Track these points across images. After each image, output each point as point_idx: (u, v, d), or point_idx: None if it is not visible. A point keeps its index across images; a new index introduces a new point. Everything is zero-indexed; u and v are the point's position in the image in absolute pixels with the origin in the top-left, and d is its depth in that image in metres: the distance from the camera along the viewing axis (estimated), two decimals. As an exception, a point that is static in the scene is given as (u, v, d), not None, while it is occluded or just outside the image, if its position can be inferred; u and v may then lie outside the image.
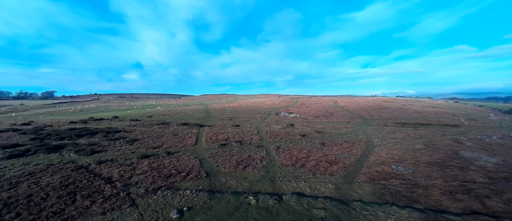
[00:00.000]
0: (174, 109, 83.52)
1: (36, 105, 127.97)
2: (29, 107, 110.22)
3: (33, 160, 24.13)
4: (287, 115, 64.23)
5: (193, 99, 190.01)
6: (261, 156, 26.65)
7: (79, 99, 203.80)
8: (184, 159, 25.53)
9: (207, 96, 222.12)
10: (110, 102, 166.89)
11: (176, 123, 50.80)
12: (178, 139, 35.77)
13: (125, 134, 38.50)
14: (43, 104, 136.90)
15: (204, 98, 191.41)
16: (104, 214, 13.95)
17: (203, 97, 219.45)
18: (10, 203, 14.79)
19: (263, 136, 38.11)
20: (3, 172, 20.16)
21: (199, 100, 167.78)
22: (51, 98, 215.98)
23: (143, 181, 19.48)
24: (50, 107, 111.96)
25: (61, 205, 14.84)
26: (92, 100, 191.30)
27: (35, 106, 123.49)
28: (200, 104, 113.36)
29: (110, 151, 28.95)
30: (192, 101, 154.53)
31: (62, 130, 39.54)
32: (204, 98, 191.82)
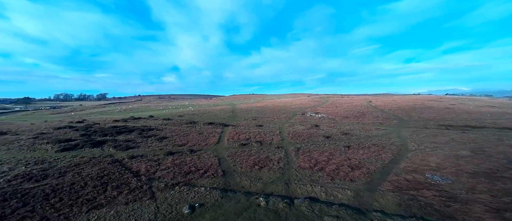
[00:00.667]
0: (204, 109, 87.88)
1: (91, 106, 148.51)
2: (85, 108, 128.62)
3: (79, 153, 28.04)
4: (314, 115, 61.85)
5: (223, 99, 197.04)
6: (279, 157, 26.18)
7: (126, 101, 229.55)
8: (204, 157, 26.63)
9: (236, 97, 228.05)
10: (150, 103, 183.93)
11: (203, 122, 53.34)
12: (202, 137, 37.49)
13: (156, 132, 41.94)
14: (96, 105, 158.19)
15: (233, 99, 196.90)
16: (127, 204, 15.40)
17: (232, 97, 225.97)
18: (56, 189, 17.43)
19: (284, 137, 37.41)
20: (56, 162, 23.88)
21: (228, 100, 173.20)
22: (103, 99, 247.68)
23: (165, 176, 20.92)
24: (101, 107, 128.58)
25: (94, 193, 16.90)
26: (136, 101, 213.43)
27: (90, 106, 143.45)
28: (228, 104, 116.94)
29: (142, 147, 31.86)
30: (221, 101, 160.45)
31: (106, 128, 45.02)
32: (233, 99, 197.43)
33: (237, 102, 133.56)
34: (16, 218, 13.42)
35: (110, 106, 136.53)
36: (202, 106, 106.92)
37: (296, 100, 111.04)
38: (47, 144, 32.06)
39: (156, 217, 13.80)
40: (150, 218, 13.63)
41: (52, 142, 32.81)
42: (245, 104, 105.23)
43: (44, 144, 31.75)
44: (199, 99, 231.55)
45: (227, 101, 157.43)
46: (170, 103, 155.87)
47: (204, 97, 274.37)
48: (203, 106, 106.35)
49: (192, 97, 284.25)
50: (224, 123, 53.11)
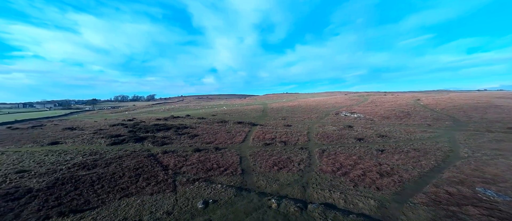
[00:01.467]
0: (236, 108, 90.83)
1: (142, 106, 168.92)
2: (137, 107, 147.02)
3: (124, 147, 32.27)
4: (348, 115, 57.54)
5: (256, 99, 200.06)
6: (301, 158, 25.25)
7: (170, 101, 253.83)
8: (227, 155, 27.55)
9: (269, 96, 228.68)
10: (190, 103, 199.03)
11: (233, 121, 55.19)
12: (229, 136, 38.84)
13: (190, 130, 45.23)
14: (146, 105, 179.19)
15: (266, 98, 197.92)
16: (152, 195, 17.09)
17: (265, 97, 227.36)
18: (101, 177, 20.48)
19: (311, 138, 35.87)
20: (105, 154, 28.02)
21: (261, 100, 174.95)
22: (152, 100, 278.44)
23: (189, 171, 22.45)
24: (149, 107, 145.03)
25: (128, 183, 19.27)
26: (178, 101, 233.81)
27: (141, 106, 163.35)
28: (261, 104, 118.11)
29: (175, 143, 34.81)
30: (254, 101, 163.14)
31: (149, 125, 50.64)
32: (265, 98, 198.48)
33: (269, 101, 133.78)
34: (67, 199, 16.31)
35: (156, 106, 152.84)
36: (235, 106, 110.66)
37: (331, 99, 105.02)
38: (101, 138, 37.89)
39: (173, 209, 14.95)
40: (167, 210, 14.84)
41: (105, 137, 38.62)
42: (277, 104, 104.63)
43: (99, 138, 37.62)
44: (234, 99, 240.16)
45: (260, 100, 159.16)
46: (207, 103, 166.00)
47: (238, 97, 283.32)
48: (236, 106, 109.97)
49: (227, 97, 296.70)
50: (253, 122, 53.91)
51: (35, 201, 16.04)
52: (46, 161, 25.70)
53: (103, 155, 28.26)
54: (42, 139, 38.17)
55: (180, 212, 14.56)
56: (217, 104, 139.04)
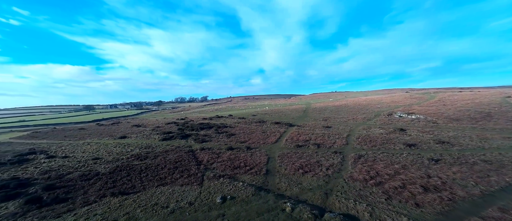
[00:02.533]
0: (278, 109, 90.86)
1: (196, 106, 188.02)
2: (191, 108, 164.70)
3: (172, 143, 36.98)
4: (404, 117, 49.67)
5: (301, 98, 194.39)
6: (332, 163, 23.47)
7: (219, 102, 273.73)
8: (256, 155, 28.12)
9: (315, 95, 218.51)
10: (237, 103, 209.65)
11: (271, 121, 55.57)
12: (264, 136, 39.39)
13: (229, 129, 48.00)
14: (199, 106, 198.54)
15: (312, 97, 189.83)
16: (181, 186, 19.19)
17: (311, 96, 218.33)
18: (148, 167, 24.22)
19: (351, 141, 32.74)
20: (156, 148, 32.82)
21: (306, 99, 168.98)
22: (205, 101, 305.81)
23: (218, 167, 24.07)
24: (201, 108, 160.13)
25: (166, 174, 22.17)
26: (227, 102, 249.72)
27: (195, 107, 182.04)
28: (304, 103, 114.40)
29: (213, 141, 37.67)
30: (299, 100, 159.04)
31: (195, 124, 56.23)
32: (311, 97, 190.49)
33: (314, 101, 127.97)
34: (119, 183, 20.05)
35: (207, 106, 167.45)
36: (278, 106, 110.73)
37: (387, 98, 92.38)
38: (156, 134, 44.45)
39: (195, 200, 16.45)
40: (190, 200, 16.43)
41: (159, 133, 45.09)
42: (321, 104, 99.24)
43: (155, 134, 44.23)
44: (279, 99, 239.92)
45: (304, 100, 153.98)
46: (252, 104, 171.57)
47: (284, 97, 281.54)
48: (278, 106, 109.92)
49: (273, 97, 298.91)
50: (290, 122, 52.95)
51: (99, 182, 20.38)
52: (114, 151, 32.05)
53: (154, 148, 33.19)
54: (116, 134, 47.55)
55: (200, 204, 15.90)
56: (261, 105, 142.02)
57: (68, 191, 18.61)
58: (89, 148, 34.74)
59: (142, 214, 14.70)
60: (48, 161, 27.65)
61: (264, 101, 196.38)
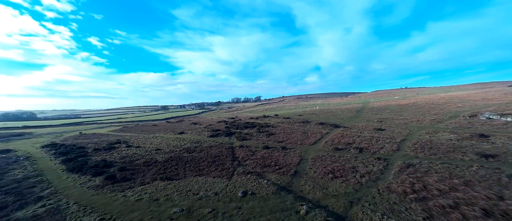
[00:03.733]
0: (328, 108, 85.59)
1: (249, 106, 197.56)
2: (244, 108, 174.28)
3: (217, 139, 40.98)
4: (494, 119, 38.21)
5: (360, 97, 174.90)
6: (369, 170, 20.99)
7: (272, 102, 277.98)
8: (289, 156, 28.01)
9: (377, 93, 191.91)
10: (288, 103, 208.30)
11: (315, 122, 53.29)
12: (303, 137, 38.46)
13: (270, 128, 49.02)
14: (252, 106, 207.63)
15: (374, 95, 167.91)
16: (214, 178, 21.47)
17: (373, 94, 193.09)
18: (192, 159, 28.02)
19: (404, 147, 28.03)
20: (203, 143, 37.21)
21: (366, 97, 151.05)
22: (258, 101, 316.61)
23: (249, 164, 25.46)
24: (253, 107, 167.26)
25: (203, 166, 25.13)
26: (279, 102, 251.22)
27: (248, 106, 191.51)
28: (361, 102, 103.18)
29: (253, 139, 39.53)
30: (356, 99, 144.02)
31: (241, 123, 59.90)
32: (373, 95, 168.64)
33: (375, 100, 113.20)
34: (168, 171, 24.13)
35: (259, 106, 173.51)
36: (330, 106, 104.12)
37: (476, 94, 72.31)
38: (207, 131, 50.02)
39: (220, 192, 18.22)
40: (216, 191, 18.32)
41: (209, 130, 50.51)
42: (382, 102, 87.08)
43: (205, 131, 49.88)
44: (334, 97, 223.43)
45: (363, 99, 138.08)
46: (303, 103, 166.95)
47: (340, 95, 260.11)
48: (331, 106, 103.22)
49: (327, 96, 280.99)
50: (337, 123, 49.28)
51: (154, 169, 25.14)
52: (171, 144, 38.28)
53: (202, 143, 37.72)
54: (177, 130, 56.17)
55: (223, 195, 17.56)
56: (312, 104, 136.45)
57: (133, 173, 23.86)
58: (155, 140, 42.70)
59: (177, 197, 17.51)
60: (127, 149, 35.75)
61: (316, 101, 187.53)
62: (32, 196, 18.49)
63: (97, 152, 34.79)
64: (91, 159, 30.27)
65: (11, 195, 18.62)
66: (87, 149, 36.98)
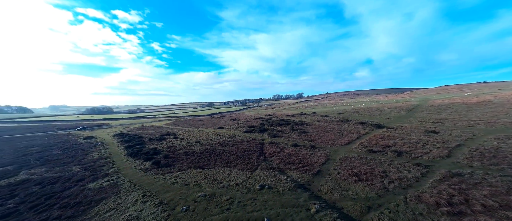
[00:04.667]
0: (375, 106, 77.72)
1: (289, 103, 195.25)
2: (284, 105, 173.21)
3: (250, 135, 42.97)
4: None
5: (419, 93, 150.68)
6: (402, 176, 18.98)
7: (314, 99, 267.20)
8: (316, 155, 27.48)
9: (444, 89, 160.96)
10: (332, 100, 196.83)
11: (355, 121, 49.65)
12: (337, 136, 36.69)
13: (304, 126, 48.23)
14: (293, 103, 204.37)
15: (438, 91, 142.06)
16: (239, 170, 23.19)
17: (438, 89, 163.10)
18: (224, 152, 30.58)
19: (457, 153, 23.84)
20: (236, 138, 39.76)
21: (426, 94, 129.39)
22: (300, 98, 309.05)
23: (274, 161, 26.26)
24: (293, 105, 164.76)
25: (232, 159, 27.18)
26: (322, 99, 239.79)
27: (289, 103, 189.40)
28: (419, 100, 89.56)
29: (284, 137, 39.92)
30: (413, 95, 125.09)
31: (277, 120, 60.59)
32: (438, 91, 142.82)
33: (438, 97, 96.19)
34: (201, 161, 27.15)
35: (299, 104, 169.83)
36: (378, 103, 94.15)
37: None
38: (242, 127, 52.74)
39: (241, 183, 19.71)
40: (238, 182, 19.90)
41: (245, 126, 53.11)
42: (447, 100, 73.61)
43: (241, 127, 52.69)
44: (387, 94, 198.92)
45: (423, 95, 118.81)
46: (348, 100, 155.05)
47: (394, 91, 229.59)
48: (380, 103, 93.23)
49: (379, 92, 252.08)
50: (380, 123, 44.73)
51: (191, 158, 28.63)
52: (209, 137, 42.22)
53: (236, 138, 40.31)
54: (217, 125, 61.00)
55: (243, 186, 19.01)
56: (358, 101, 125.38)
57: (174, 161, 27.81)
58: (197, 133, 47.73)
59: (204, 184, 19.88)
60: (173, 140, 41.31)
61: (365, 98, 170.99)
62: (101, 172, 23.98)
63: (151, 141, 41.38)
64: (145, 146, 36.40)
65: (88, 170, 24.60)
66: (144, 138, 44.33)
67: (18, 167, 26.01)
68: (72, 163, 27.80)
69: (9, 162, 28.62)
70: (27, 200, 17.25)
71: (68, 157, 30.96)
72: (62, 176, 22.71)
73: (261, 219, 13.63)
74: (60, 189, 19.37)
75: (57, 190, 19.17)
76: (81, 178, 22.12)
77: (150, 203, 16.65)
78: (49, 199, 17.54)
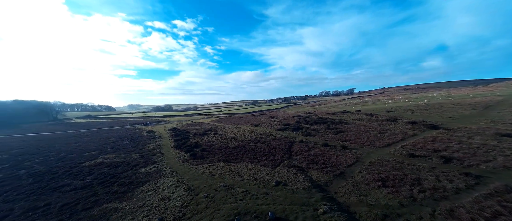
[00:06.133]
0: (437, 102, 65.60)
1: (336, 100, 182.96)
2: (329, 102, 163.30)
3: (283, 133, 43.43)
4: None
5: (509, 84, 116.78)
6: (438, 186, 16.41)
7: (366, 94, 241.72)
8: (345, 156, 26.06)
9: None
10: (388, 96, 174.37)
11: (405, 120, 43.66)
12: (377, 137, 33.47)
13: (342, 125, 45.40)
14: (341, 99, 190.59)
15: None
16: (261, 166, 24.38)
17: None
18: (252, 148, 32.31)
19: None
20: (268, 136, 40.98)
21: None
22: (350, 94, 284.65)
23: (298, 159, 26.34)
24: (340, 102, 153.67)
25: (258, 155, 28.55)
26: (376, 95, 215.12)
27: (335, 100, 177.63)
28: (503, 94, 70.70)
29: (317, 136, 38.83)
30: (500, 89, 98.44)
31: (315, 118, 58.69)
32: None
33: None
34: (231, 155, 29.56)
35: (347, 100, 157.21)
36: (446, 98, 78.97)
37: None
38: (278, 125, 53.44)
39: (260, 178, 20.88)
40: (256, 177, 21.16)
41: (280, 124, 53.63)
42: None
43: (277, 125, 53.47)
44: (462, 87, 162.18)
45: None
46: (407, 96, 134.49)
47: (474, 83, 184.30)
48: (448, 99, 78.08)
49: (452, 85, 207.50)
50: (436, 123, 38.01)
51: (223, 152, 31.45)
52: (244, 134, 44.80)
53: (268, 136, 41.57)
54: (255, 122, 63.52)
55: (260, 181, 20.19)
56: (421, 97, 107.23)
57: (208, 154, 31.19)
58: (234, 130, 51.20)
59: (227, 176, 21.98)
60: (213, 136, 45.68)
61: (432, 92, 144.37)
62: (152, 160, 29.23)
63: (195, 136, 46.89)
64: (189, 140, 41.66)
65: (143, 158, 30.32)
66: (190, 133, 50.47)
67: (98, 153, 34.21)
68: (133, 152, 34.62)
69: (94, 148, 37.81)
70: (98, 177, 23.01)
71: (132, 147, 38.54)
72: (124, 161, 28.85)
73: (266, 212, 14.54)
74: (120, 171, 24.88)
75: (118, 172, 24.71)
76: (136, 164, 27.65)
77: (181, 188, 19.72)
78: (112, 178, 22.90)
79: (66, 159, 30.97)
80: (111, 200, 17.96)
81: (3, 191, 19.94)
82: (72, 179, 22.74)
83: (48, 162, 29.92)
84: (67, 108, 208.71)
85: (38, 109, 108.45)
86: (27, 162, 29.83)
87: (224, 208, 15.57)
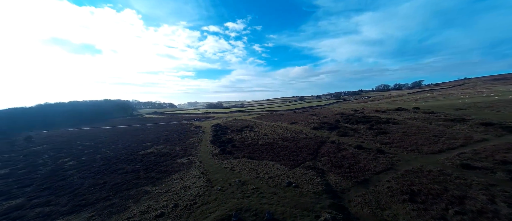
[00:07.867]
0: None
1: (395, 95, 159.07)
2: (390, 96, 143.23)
3: (317, 132, 41.42)
4: None
5: None
6: (486, 209, 12.85)
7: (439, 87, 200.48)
8: (377, 161, 23.16)
9: None
10: (470, 89, 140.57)
11: (477, 121, 34.85)
12: (426, 141, 28.21)
13: (388, 125, 39.90)
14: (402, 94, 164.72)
15: None
16: (280, 165, 24.29)
17: None
18: (280, 147, 32.34)
19: None
20: (300, 135, 39.89)
21: None
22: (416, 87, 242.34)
23: (322, 161, 24.96)
24: (399, 97, 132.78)
25: (282, 154, 28.43)
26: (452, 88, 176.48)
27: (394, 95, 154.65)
28: None
29: (354, 137, 35.45)
30: None
31: (358, 117, 53.24)
32: None
33: None
34: (256, 152, 30.44)
35: (408, 95, 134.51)
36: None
37: None
38: (315, 123, 51.06)
39: (274, 177, 21.02)
40: (271, 176, 21.36)
41: (318, 123, 51.10)
42: None
43: (313, 123, 51.18)
44: None
45: None
46: (494, 89, 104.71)
47: None
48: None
49: None
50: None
51: (250, 149, 32.68)
52: (277, 132, 44.95)
53: (300, 134, 40.50)
54: (292, 120, 62.45)
55: (273, 180, 20.36)
56: (503, 91, 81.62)
57: (237, 149, 33.00)
58: (269, 127, 51.90)
59: (245, 172, 23.01)
60: (248, 132, 47.65)
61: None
62: (189, 152, 33.14)
63: (232, 132, 49.96)
64: (225, 136, 44.79)
65: (183, 150, 34.68)
66: (229, 129, 54.01)
67: (152, 144, 40.97)
68: (178, 144, 39.90)
69: (150, 140, 45.39)
70: (145, 164, 27.89)
71: (179, 140, 44.37)
72: (168, 152, 33.74)
73: (265, 212, 14.80)
74: (162, 160, 29.35)
75: (161, 161, 29.23)
76: (176, 155, 31.96)
77: (202, 179, 21.95)
78: (155, 165, 27.34)
79: (129, 148, 38.50)
80: (147, 184, 21.71)
81: (83, 170, 26.79)
82: (127, 164, 28.36)
83: (117, 149, 37.92)
84: (141, 106, 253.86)
85: (120, 107, 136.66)
86: (103, 149, 38.64)
87: (230, 202, 16.64)
